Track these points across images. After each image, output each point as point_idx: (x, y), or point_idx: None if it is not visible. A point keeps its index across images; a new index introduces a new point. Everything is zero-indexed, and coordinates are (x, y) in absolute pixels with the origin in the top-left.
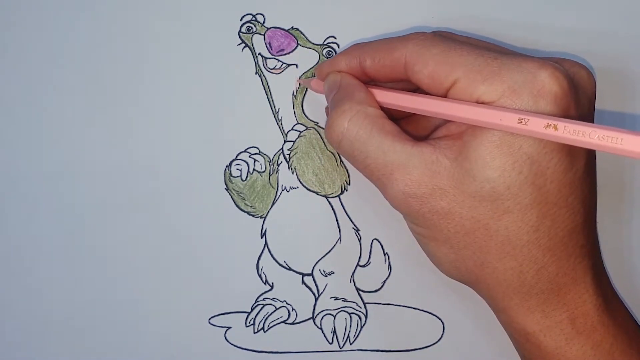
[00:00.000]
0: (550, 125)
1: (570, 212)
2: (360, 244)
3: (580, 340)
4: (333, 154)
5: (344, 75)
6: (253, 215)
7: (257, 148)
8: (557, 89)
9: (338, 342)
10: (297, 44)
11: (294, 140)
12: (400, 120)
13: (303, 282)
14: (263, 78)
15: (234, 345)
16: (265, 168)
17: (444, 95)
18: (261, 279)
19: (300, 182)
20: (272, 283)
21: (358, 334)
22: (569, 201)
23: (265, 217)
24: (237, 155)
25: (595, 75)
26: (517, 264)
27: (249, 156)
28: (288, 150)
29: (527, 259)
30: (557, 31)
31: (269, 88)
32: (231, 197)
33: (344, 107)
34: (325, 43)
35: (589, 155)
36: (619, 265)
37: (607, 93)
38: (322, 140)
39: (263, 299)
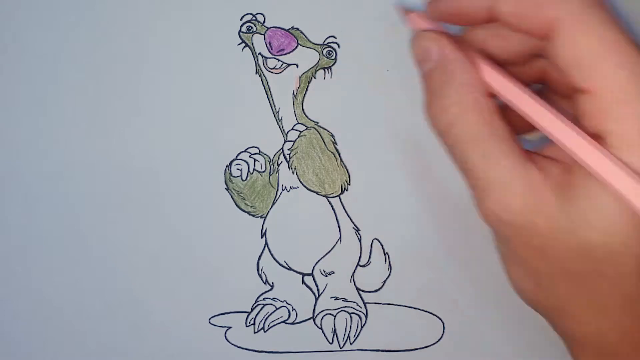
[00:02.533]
0: None
1: None
2: (360, 244)
3: None
4: (333, 153)
5: (445, 46)
6: (253, 215)
7: (257, 148)
8: None
9: (338, 342)
10: (298, 43)
11: (294, 140)
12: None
13: (303, 282)
14: (263, 78)
15: (234, 345)
16: (266, 168)
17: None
18: (261, 278)
19: (301, 182)
20: (272, 283)
21: (358, 334)
22: None
23: (265, 217)
24: (237, 155)
25: None
26: (601, 327)
27: (249, 156)
28: (288, 150)
29: (614, 324)
30: None
31: (269, 88)
32: (231, 197)
33: (454, 98)
34: (325, 43)
35: None
36: None
37: None
38: (322, 140)
39: (263, 299)
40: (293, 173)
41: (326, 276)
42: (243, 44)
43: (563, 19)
